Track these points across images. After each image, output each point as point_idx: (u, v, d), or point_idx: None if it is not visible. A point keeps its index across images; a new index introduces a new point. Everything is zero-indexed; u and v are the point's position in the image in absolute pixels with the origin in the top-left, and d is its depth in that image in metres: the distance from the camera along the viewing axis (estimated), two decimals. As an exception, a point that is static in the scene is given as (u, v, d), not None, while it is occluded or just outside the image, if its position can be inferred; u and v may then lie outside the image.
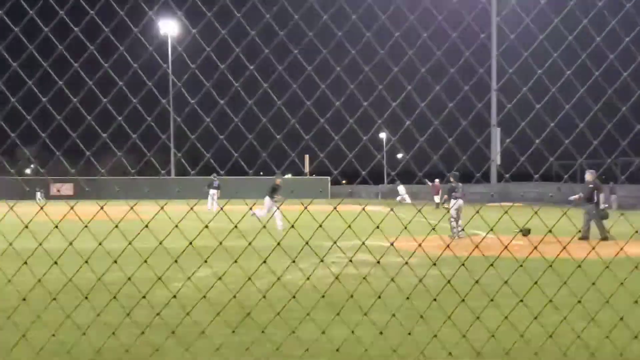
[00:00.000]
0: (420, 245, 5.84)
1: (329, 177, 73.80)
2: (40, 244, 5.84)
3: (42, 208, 5.75)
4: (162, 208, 5.60)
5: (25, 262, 5.78)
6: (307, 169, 70.56)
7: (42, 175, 69.15)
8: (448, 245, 6.51)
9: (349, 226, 5.59)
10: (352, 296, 6.36)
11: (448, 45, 5.32)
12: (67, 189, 72.90)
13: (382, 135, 65.13)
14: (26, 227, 5.55)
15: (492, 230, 5.80)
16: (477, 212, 6.01)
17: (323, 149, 5.53)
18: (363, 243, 6.00)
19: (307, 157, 56.55)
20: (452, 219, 20.82)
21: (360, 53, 5.31)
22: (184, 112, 5.67)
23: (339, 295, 7.81)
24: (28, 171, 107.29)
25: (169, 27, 74.88)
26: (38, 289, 6.68)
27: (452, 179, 20.96)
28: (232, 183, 43.79)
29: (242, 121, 5.49)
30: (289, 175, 68.53)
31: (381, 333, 6.21)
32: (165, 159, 72.34)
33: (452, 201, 21.04)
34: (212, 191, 38.59)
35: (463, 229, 20.63)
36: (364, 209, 5.94)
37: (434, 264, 6.16)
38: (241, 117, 5.49)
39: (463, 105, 5.46)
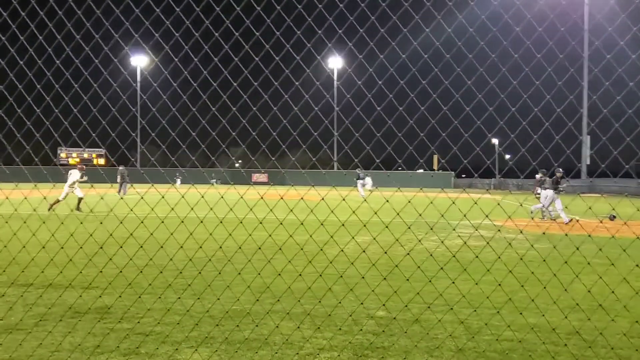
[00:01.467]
0: (527, 225, 5.57)
1: (453, 172, 72.01)
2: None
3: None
4: (346, 198, 5.66)
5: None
6: (435, 167, 69.56)
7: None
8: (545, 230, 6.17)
9: (469, 209, 5.43)
10: (477, 256, 6.18)
11: (543, 52, 4.99)
12: (263, 177, 74.65)
13: (495, 141, 62.85)
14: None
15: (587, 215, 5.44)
16: (591, 205, 5.66)
17: (448, 151, 5.38)
18: (485, 218, 5.81)
19: (435, 157, 55.57)
20: (542, 206, 20.14)
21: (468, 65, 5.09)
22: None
23: (465, 258, 7.63)
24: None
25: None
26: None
27: (541, 174, 20.49)
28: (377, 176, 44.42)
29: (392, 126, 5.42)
30: (420, 171, 67.80)
31: (499, 284, 5.99)
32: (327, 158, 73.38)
33: (542, 192, 20.30)
34: (359, 182, 39.29)
35: (550, 214, 20.03)
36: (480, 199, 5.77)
37: (544, 233, 5.87)
38: (388, 125, 5.42)
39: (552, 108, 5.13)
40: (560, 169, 19.11)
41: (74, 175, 20.51)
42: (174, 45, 5.50)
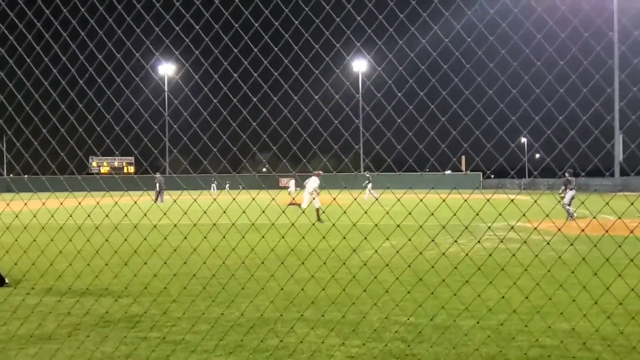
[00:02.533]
0: (560, 229, 5.46)
1: (480, 173, 71.16)
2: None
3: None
4: (377, 201, 5.62)
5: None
6: (463, 167, 68.92)
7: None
8: (559, 228, 6.03)
9: (500, 214, 5.35)
10: (502, 269, 6.09)
11: (570, 53, 4.90)
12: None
13: (524, 140, 62.05)
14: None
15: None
16: (607, 203, 5.51)
17: (478, 151, 5.30)
18: (512, 227, 5.73)
19: (463, 158, 55.06)
20: (567, 205, 20.12)
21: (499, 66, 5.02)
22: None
23: (491, 265, 7.52)
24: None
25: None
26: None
27: (567, 174, 20.37)
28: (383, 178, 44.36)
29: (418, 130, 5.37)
30: (449, 172, 67.27)
31: (527, 297, 5.90)
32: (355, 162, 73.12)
33: (567, 191, 20.31)
34: (369, 185, 38.68)
35: (574, 212, 19.83)
36: (512, 201, 5.66)
37: (571, 244, 5.76)
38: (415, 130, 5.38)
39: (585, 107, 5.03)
40: (570, 170, 19.39)
41: (312, 182, 18.83)
42: (201, 51, 5.55)
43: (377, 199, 9.38)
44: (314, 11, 5.14)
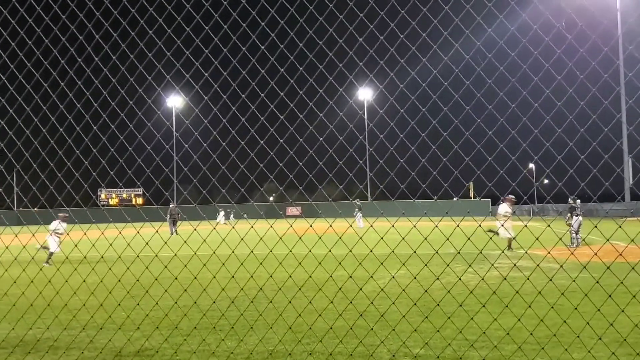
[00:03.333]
0: (572, 253, 5.42)
1: (489, 200, 70.66)
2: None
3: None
4: (393, 225, 5.63)
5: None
6: (472, 193, 68.64)
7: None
8: (572, 253, 5.99)
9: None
10: (517, 292, 6.02)
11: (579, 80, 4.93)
12: (297, 210, 74.52)
13: (531, 165, 61.94)
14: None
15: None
16: (620, 226, 5.47)
17: (486, 177, 5.30)
18: (526, 252, 5.70)
19: (471, 184, 54.94)
20: (573, 231, 19.61)
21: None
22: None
23: (506, 291, 7.46)
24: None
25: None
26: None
27: (570, 200, 19.93)
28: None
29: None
30: (455, 199, 66.95)
31: (542, 320, 5.82)
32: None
33: (574, 218, 19.71)
34: (359, 213, 36.50)
35: (583, 239, 19.51)
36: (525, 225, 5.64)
37: (584, 267, 5.70)
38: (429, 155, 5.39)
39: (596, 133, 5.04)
40: (573, 196, 19.22)
41: (503, 208, 18.19)
42: (204, 85, 5.65)
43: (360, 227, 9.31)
44: (319, 35, 5.21)
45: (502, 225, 16.14)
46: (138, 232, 5.51)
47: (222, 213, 49.34)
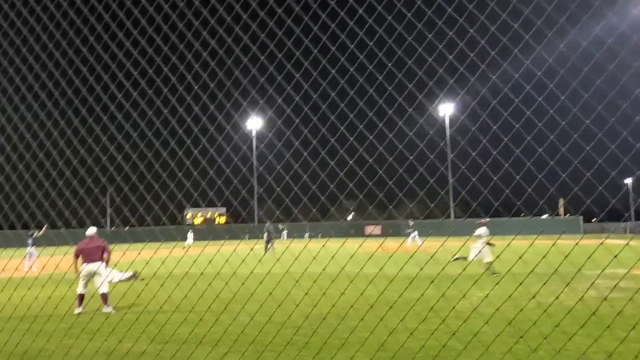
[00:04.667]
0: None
1: (581, 217, 67.39)
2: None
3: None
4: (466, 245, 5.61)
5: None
6: (561, 211, 65.80)
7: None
8: None
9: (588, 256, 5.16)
10: (594, 313, 5.82)
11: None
12: (377, 230, 73.89)
13: (628, 181, 58.71)
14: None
15: None
16: None
17: (578, 194, 5.16)
18: (602, 270, 5.50)
19: (561, 200, 52.72)
20: None
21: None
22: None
23: (604, 313, 7.19)
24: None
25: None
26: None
27: None
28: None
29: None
30: (546, 216, 64.28)
31: (621, 342, 5.59)
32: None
33: None
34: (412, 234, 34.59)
35: None
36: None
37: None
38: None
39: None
40: None
41: (481, 230, 16.93)
42: (284, 103, 5.93)
43: (420, 246, 9.22)
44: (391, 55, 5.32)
45: (481, 250, 15.58)
46: (235, 250, 5.79)
47: (191, 235, 45.07)
